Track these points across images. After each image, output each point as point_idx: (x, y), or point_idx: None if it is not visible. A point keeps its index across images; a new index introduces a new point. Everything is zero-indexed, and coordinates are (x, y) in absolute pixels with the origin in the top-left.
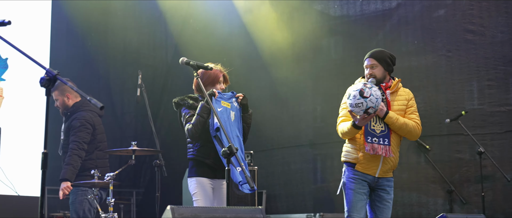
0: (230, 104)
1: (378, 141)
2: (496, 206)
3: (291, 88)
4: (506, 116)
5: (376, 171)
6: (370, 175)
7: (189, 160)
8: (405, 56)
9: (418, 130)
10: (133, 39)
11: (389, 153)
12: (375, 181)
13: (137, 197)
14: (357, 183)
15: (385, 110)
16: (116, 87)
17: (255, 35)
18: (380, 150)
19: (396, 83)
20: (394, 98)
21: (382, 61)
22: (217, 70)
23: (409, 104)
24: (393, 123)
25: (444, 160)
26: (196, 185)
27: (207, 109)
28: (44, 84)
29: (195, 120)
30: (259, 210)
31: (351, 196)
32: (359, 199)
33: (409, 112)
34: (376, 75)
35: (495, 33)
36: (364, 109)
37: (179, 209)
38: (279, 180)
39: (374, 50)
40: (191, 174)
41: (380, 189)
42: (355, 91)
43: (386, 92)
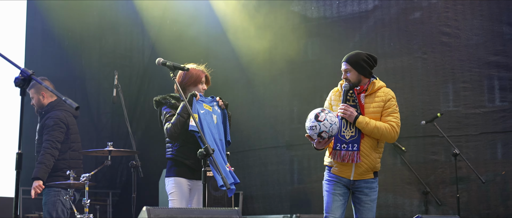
0: (211, 108)
1: (347, 148)
2: (471, 207)
3: (268, 89)
4: (481, 118)
5: (350, 174)
6: (345, 178)
7: (167, 160)
8: (381, 58)
9: (392, 133)
10: (109, 39)
11: (357, 159)
12: (351, 183)
13: (113, 198)
14: (332, 185)
15: (355, 115)
16: (92, 87)
17: (232, 36)
18: (347, 157)
19: (373, 85)
20: (371, 100)
21: (356, 65)
22: (200, 71)
23: (386, 105)
24: (363, 128)
25: (419, 161)
26: (174, 185)
27: (186, 109)
28: (18, 84)
29: (175, 119)
30: (235, 211)
31: (327, 197)
32: (334, 200)
33: (385, 114)
34: (350, 80)
35: (470, 36)
36: (317, 132)
37: (155, 210)
38: (256, 181)
39: (350, 53)
40: (170, 174)
41: (358, 191)
42: (311, 114)
43: (359, 96)
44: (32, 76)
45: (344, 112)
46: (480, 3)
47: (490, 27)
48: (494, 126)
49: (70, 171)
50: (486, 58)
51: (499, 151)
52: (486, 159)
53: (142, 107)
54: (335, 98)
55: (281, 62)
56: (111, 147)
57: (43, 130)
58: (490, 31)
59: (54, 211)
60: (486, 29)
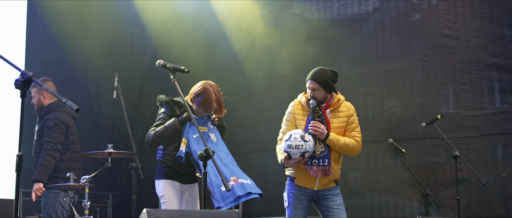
0: (206, 128)
1: (318, 163)
2: (471, 209)
3: (268, 91)
4: (481, 120)
5: (314, 185)
6: (309, 188)
7: (157, 161)
8: (382, 60)
9: (358, 148)
10: (110, 41)
11: (328, 173)
12: (314, 193)
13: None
14: (295, 198)
15: (326, 133)
16: (92, 89)
17: (233, 39)
18: (319, 172)
19: (336, 101)
20: (335, 115)
21: (324, 84)
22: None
23: (350, 120)
24: (334, 144)
25: (420, 163)
26: (164, 187)
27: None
28: (19, 86)
29: (160, 130)
30: (235, 213)
31: (290, 211)
32: (297, 214)
33: (349, 129)
34: (317, 98)
35: (471, 38)
36: (302, 152)
37: (155, 212)
38: (256, 183)
39: (317, 71)
40: (160, 176)
41: (323, 199)
42: (296, 134)
43: (326, 111)
44: (33, 78)
45: (316, 130)
46: (480, 5)
47: (490, 29)
48: (494, 128)
49: (70, 173)
50: (486, 60)
51: (500, 153)
52: (487, 161)
53: (143, 109)
54: (298, 112)
55: (281, 64)
56: (111, 149)
57: (42, 131)
58: (490, 33)
59: (53, 213)
60: (487, 31)
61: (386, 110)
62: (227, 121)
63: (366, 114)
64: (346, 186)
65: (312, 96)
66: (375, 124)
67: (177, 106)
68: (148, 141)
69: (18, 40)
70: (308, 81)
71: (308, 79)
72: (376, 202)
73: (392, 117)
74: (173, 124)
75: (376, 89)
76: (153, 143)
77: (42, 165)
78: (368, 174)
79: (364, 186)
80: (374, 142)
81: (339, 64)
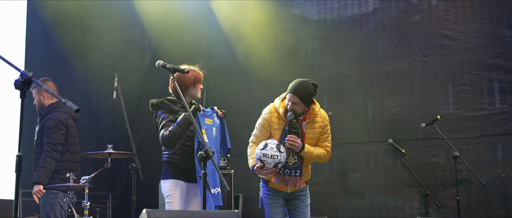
0: (212, 121)
1: (290, 173)
2: (471, 209)
3: (268, 91)
4: (481, 121)
5: (287, 188)
6: (283, 191)
7: (163, 163)
8: (382, 60)
9: (328, 157)
10: (110, 41)
11: (299, 184)
12: (288, 194)
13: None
14: (271, 199)
15: (301, 145)
16: (92, 90)
17: (233, 39)
18: (290, 182)
19: (313, 112)
20: (311, 126)
21: (304, 99)
22: (197, 71)
23: (323, 131)
24: (308, 156)
25: (419, 164)
26: (171, 187)
27: (189, 122)
28: (18, 86)
29: (174, 129)
30: (235, 214)
31: (268, 211)
32: (275, 212)
33: (322, 139)
34: (297, 111)
35: (470, 39)
36: (276, 162)
37: (155, 213)
38: (255, 184)
39: (298, 85)
40: (166, 176)
41: (294, 199)
42: (272, 144)
43: (302, 123)
44: (32, 79)
45: (293, 144)
46: (480, 6)
47: (490, 30)
48: (494, 128)
49: (70, 174)
50: (486, 60)
51: (499, 154)
52: (486, 161)
53: (144, 110)
54: (274, 120)
55: (281, 65)
56: (111, 149)
57: (42, 131)
58: (490, 33)
59: (52, 213)
60: (486, 31)
61: (386, 111)
62: (227, 122)
63: (366, 115)
64: (346, 187)
65: (291, 109)
66: (375, 124)
67: (172, 103)
68: (165, 142)
69: (18, 41)
70: (289, 94)
71: (289, 92)
72: (376, 203)
73: (392, 118)
74: (185, 118)
75: (376, 89)
76: (170, 143)
77: (42, 167)
78: (368, 175)
79: (364, 186)
80: (374, 143)
81: (339, 65)
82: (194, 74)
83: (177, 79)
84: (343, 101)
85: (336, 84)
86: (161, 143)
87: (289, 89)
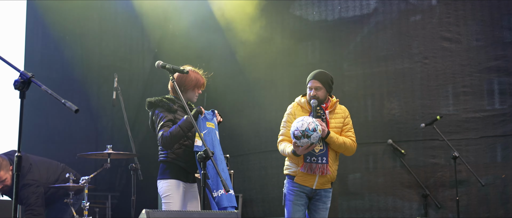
0: (213, 124)
1: (316, 161)
2: (471, 210)
3: (269, 92)
4: (481, 122)
5: (313, 183)
6: (308, 186)
7: (160, 163)
8: (382, 61)
9: (354, 147)
10: (109, 42)
11: (326, 171)
12: (313, 192)
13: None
14: (295, 195)
15: (327, 131)
16: (91, 90)
17: (234, 40)
18: (317, 170)
19: (333, 102)
20: (332, 117)
21: (326, 84)
22: (199, 75)
23: (345, 121)
24: (334, 142)
25: (419, 165)
26: (170, 187)
27: (190, 125)
28: (18, 87)
29: (175, 131)
30: (234, 214)
31: (290, 207)
32: (297, 210)
33: (345, 129)
34: (319, 97)
35: (471, 41)
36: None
37: (154, 213)
38: (255, 185)
39: (318, 72)
40: (164, 176)
41: (317, 199)
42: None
43: (326, 111)
44: (32, 79)
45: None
46: (481, 8)
47: (491, 32)
48: (494, 129)
49: (70, 174)
50: (487, 62)
51: (499, 155)
52: (486, 162)
53: (144, 110)
54: (298, 113)
55: (282, 66)
56: (111, 150)
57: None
58: (491, 35)
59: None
60: (487, 33)
61: (386, 112)
62: (228, 123)
63: (366, 115)
64: (346, 187)
65: (314, 95)
66: (375, 125)
67: (171, 102)
68: (164, 143)
69: (17, 41)
70: (311, 81)
71: (311, 79)
72: (375, 203)
73: (392, 119)
74: (187, 121)
75: (376, 90)
76: (170, 145)
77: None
78: (367, 175)
79: (363, 187)
80: (374, 143)
81: (339, 66)
82: (197, 78)
83: (178, 80)
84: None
85: (336, 85)
86: (159, 143)
87: (310, 77)
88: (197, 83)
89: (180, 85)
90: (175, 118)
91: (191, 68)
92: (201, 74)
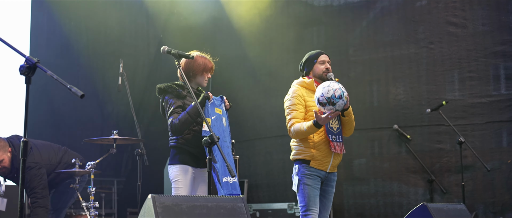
0: (221, 110)
1: (336, 139)
2: (476, 195)
3: (274, 78)
4: (487, 107)
5: (328, 166)
6: (323, 170)
7: (170, 148)
8: (388, 46)
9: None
10: (115, 27)
11: (343, 149)
12: (326, 176)
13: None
14: (313, 179)
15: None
16: (97, 75)
17: (239, 26)
18: (338, 148)
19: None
20: None
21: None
22: (206, 59)
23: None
24: (350, 116)
25: (425, 150)
26: (179, 172)
27: (198, 112)
28: (24, 72)
29: (183, 118)
30: (240, 199)
31: (309, 191)
32: (315, 194)
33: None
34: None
35: (477, 25)
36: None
37: (160, 198)
38: (261, 170)
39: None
40: (174, 161)
41: (327, 184)
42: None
43: None
44: (38, 64)
45: None
46: None
47: (497, 17)
48: (500, 115)
49: (76, 159)
50: (493, 47)
51: (505, 140)
52: (492, 147)
53: (149, 96)
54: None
55: (287, 51)
56: (116, 135)
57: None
58: (497, 20)
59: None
60: (493, 18)
61: (392, 97)
62: (233, 109)
63: (371, 101)
64: (351, 173)
65: (328, 68)
66: (380, 110)
67: (180, 87)
68: (173, 129)
69: (23, 27)
70: (322, 55)
71: (322, 54)
72: (380, 189)
73: (398, 104)
74: (194, 107)
75: (382, 75)
76: (179, 131)
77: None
78: (373, 161)
79: (369, 172)
80: (379, 129)
81: (345, 51)
82: (205, 62)
83: (186, 65)
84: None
85: (341, 70)
86: (169, 129)
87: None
88: (205, 67)
89: (188, 70)
90: (184, 104)
91: (199, 53)
92: (209, 58)
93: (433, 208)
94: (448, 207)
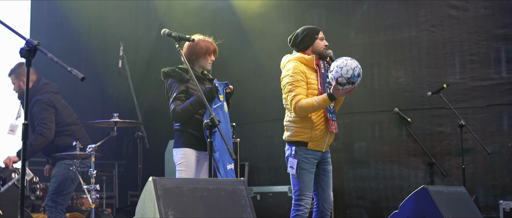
0: (223, 96)
1: (332, 118)
2: (477, 178)
3: (274, 61)
4: (487, 90)
5: (324, 146)
6: (319, 151)
7: (175, 131)
8: (389, 29)
9: None
10: (115, 10)
11: (336, 128)
12: (322, 156)
13: (119, 169)
14: (309, 163)
15: None
16: (98, 58)
17: (240, 9)
18: (335, 127)
19: None
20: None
21: None
22: (208, 42)
23: None
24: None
25: (425, 133)
26: (182, 155)
27: (201, 103)
28: (24, 54)
29: (186, 108)
30: (241, 182)
31: (305, 176)
32: (310, 178)
33: None
34: None
35: (478, 8)
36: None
37: (161, 181)
38: (261, 153)
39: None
40: (178, 145)
41: (324, 162)
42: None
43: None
44: (38, 47)
45: None
46: None
47: (498, 0)
48: (501, 98)
49: (76, 142)
50: (494, 30)
51: (505, 123)
52: (492, 130)
53: (150, 79)
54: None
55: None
56: (117, 118)
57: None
58: (498, 3)
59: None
60: (495, 1)
61: (393, 80)
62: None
63: (372, 84)
64: (352, 156)
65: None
66: (381, 93)
67: (184, 71)
68: (175, 118)
69: (23, 9)
70: (321, 32)
71: (320, 30)
72: (381, 172)
73: (399, 87)
74: (198, 99)
75: (383, 59)
76: (180, 119)
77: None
78: (373, 144)
79: (369, 155)
80: (380, 112)
81: (346, 34)
82: (207, 45)
83: (189, 48)
84: None
85: (342, 53)
86: (171, 115)
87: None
88: (208, 50)
89: (191, 53)
90: (188, 88)
91: (201, 37)
92: (211, 41)
93: (433, 191)
94: (448, 190)
